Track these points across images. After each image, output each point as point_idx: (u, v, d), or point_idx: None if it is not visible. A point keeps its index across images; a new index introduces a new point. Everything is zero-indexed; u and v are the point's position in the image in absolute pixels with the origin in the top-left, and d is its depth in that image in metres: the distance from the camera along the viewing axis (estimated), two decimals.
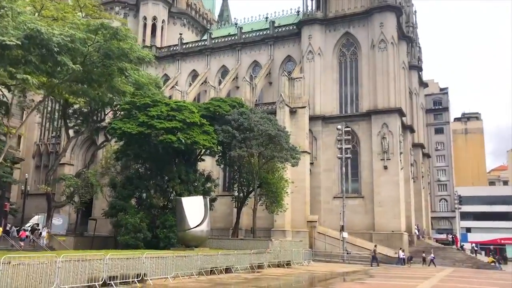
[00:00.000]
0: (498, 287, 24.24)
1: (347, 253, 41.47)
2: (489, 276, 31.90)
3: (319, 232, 46.59)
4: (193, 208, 26.84)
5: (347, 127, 45.51)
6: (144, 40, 68.27)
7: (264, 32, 60.30)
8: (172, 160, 34.86)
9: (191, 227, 26.46)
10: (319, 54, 53.02)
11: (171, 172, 33.66)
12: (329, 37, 53.73)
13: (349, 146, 45.34)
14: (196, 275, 21.25)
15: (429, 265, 41.15)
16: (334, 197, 48.85)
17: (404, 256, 41.98)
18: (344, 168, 44.79)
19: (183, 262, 20.67)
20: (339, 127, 43.95)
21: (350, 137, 45.70)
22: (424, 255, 43.32)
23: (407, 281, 24.44)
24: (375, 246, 41.87)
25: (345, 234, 41.69)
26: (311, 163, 49.99)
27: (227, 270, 24.06)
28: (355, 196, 48.86)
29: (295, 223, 46.76)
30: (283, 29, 59.18)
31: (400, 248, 42.34)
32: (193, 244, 26.59)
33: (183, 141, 29.98)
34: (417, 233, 54.02)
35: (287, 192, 38.64)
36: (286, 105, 49.02)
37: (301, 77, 51.91)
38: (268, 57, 58.96)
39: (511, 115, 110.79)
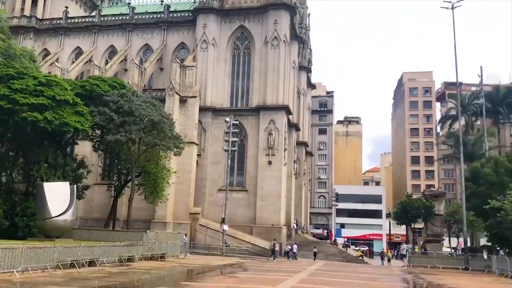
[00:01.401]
0: (359, 279, 25.57)
1: (226, 246, 41.38)
2: (355, 270, 33.81)
3: (201, 225, 45.95)
4: (57, 195, 24.33)
5: (237, 120, 45.42)
6: (22, 9, 61.63)
7: (158, 16, 57.91)
8: (41, 142, 31.45)
9: (53, 216, 23.98)
10: (213, 44, 52.19)
11: (37, 155, 30.29)
12: (224, 28, 53.15)
13: (237, 139, 45.32)
14: (51, 268, 19.10)
15: (289, 258, 42.42)
16: (219, 190, 48.49)
17: (289, 248, 43.24)
18: (230, 161, 44.65)
19: (36, 254, 18.40)
20: (227, 119, 43.58)
21: (238, 130, 45.68)
22: (289, 247, 44.23)
23: (278, 275, 24.69)
24: (274, 239, 42.65)
25: (225, 227, 41.54)
26: (199, 155, 49.14)
27: (91, 263, 22.10)
28: (239, 190, 49.05)
29: (177, 215, 45.56)
30: (178, 14, 57.38)
31: (274, 239, 43.31)
32: (54, 234, 24.13)
33: (51, 120, 26.92)
34: (296, 228, 55.99)
35: (168, 183, 37.23)
36: (176, 93, 47.46)
37: (194, 66, 50.66)
38: (161, 42, 56.73)
39: (389, 122, 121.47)
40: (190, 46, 55.33)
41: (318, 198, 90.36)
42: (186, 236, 42.87)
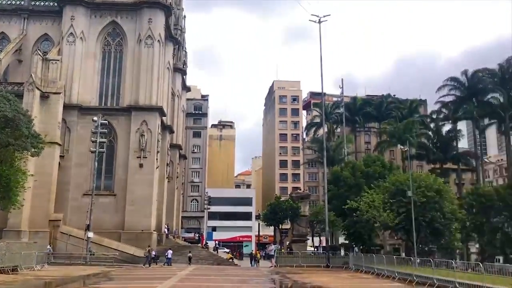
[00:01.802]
0: (230, 282, 25.79)
1: (91, 254, 38.72)
2: (226, 272, 34.11)
3: (62, 232, 42.32)
4: None
5: (106, 120, 42.88)
6: None
7: (18, 2, 52.30)
8: None
9: None
10: (81, 38, 48.71)
11: None
12: (94, 22, 49.96)
13: (105, 140, 42.81)
14: None
15: (169, 264, 41.51)
16: (84, 194, 45.15)
17: (154, 254, 41.74)
18: (97, 164, 41.93)
19: None
20: (95, 118, 40.89)
21: (106, 130, 43.16)
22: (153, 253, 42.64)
23: (147, 283, 23.73)
24: (149, 246, 40.91)
25: (90, 234, 38.86)
26: (62, 156, 45.31)
27: None
28: (107, 194, 46.40)
29: (35, 222, 41.28)
30: (42, 3, 52.45)
31: (149, 246, 41.82)
32: None
33: None
34: (167, 232, 54.79)
35: (23, 187, 33.51)
36: (37, 88, 43.19)
37: (59, 60, 46.71)
38: (20, 31, 51.25)
39: (261, 128, 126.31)
40: (55, 38, 50.90)
41: (191, 202, 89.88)
42: (50, 245, 39.25)
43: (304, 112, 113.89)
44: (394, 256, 33.25)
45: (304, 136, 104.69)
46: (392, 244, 73.84)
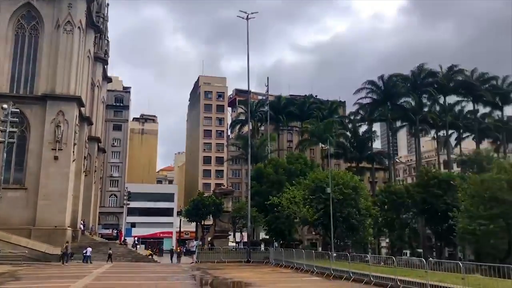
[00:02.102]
0: (149, 280, 25.15)
1: None
2: (145, 270, 33.23)
3: None
4: None
5: (17, 108, 39.73)
6: None
7: None
8: None
9: None
10: None
11: None
12: (5, 3, 46.24)
13: (16, 130, 39.69)
14: None
15: (87, 262, 39.71)
16: None
17: (69, 252, 39.56)
18: (6, 155, 38.78)
19: None
20: (5, 106, 37.77)
21: (17, 120, 40.07)
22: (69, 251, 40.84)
23: (58, 282, 22.41)
24: (67, 242, 39.25)
25: None
26: None
27: None
28: (17, 188, 43.28)
29: None
30: None
31: (67, 242, 39.62)
32: None
33: None
34: (83, 228, 52.28)
35: None
36: None
37: None
38: None
39: (185, 123, 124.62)
40: None
41: (110, 197, 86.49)
42: None
43: (229, 109, 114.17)
44: (313, 251, 34.39)
45: (229, 133, 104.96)
46: (310, 239, 76.42)
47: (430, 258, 26.06)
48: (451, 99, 74.14)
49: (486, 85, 71.31)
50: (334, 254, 30.42)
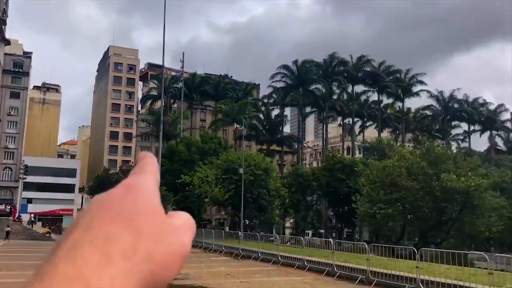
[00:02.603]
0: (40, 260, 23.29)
1: None
2: (41, 249, 30.87)
3: None
4: None
5: None
6: None
7: None
8: None
9: None
10: None
11: None
12: None
13: None
14: None
15: None
16: None
17: None
18: None
19: None
20: None
21: None
22: None
23: None
24: None
25: None
26: None
27: None
28: None
29: None
30: None
31: None
32: None
33: None
34: None
35: None
36: None
37: None
38: None
39: (91, 95, 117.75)
40: None
41: (3, 170, 79.22)
42: None
43: (141, 83, 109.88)
44: (223, 231, 34.36)
45: (139, 108, 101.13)
46: (218, 219, 76.80)
47: (331, 239, 27.18)
48: (359, 88, 78.14)
49: (391, 77, 75.89)
50: (241, 234, 30.58)
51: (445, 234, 35.64)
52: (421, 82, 76.84)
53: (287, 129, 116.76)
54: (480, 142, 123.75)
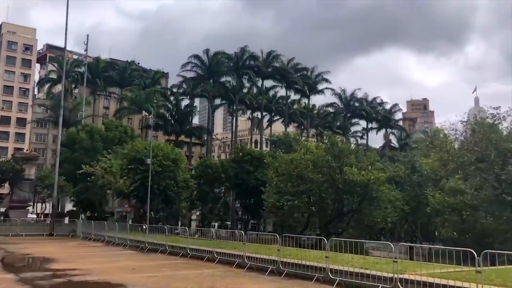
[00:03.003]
0: None
1: None
2: None
3: None
4: None
5: None
6: None
7: None
8: None
9: None
10: None
11: None
12: None
13: None
14: None
15: None
16: None
17: None
18: None
19: None
20: None
21: None
22: None
23: None
24: None
25: None
26: None
27: None
28: None
29: None
30: None
31: None
32: None
33: None
34: None
35: None
36: None
37: None
38: None
39: None
40: None
41: None
42: None
43: (38, 65, 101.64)
44: (127, 224, 32.85)
45: (36, 92, 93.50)
46: (120, 212, 73.77)
47: (242, 231, 27.23)
48: (268, 83, 79.48)
49: (298, 74, 78.27)
50: (146, 226, 29.47)
51: (345, 224, 37.51)
52: (326, 80, 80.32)
53: (195, 120, 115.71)
54: (376, 139, 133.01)
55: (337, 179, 34.86)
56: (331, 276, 13.85)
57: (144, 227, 29.83)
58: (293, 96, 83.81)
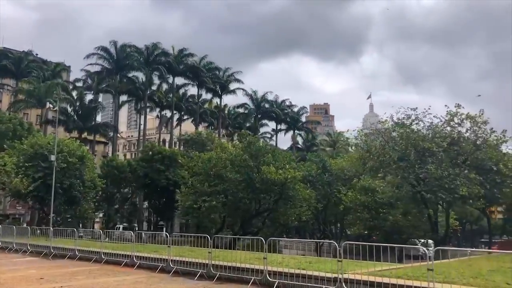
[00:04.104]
0: None
1: None
2: None
3: None
4: None
5: None
6: None
7: None
8: None
9: None
10: None
11: None
12: None
13: None
14: None
15: None
16: None
17: None
18: None
19: None
20: None
21: None
22: None
23: None
24: None
25: None
26: None
27: None
28: None
29: None
30: None
31: None
32: None
33: None
34: None
35: None
36: None
37: None
38: None
39: None
40: None
41: None
42: None
43: None
44: (28, 227, 29.46)
45: None
46: (12, 214, 67.12)
47: (167, 233, 25.72)
48: (179, 81, 77.37)
49: (211, 74, 77.17)
50: (51, 230, 26.61)
51: (261, 223, 37.40)
52: (238, 80, 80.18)
53: (98, 117, 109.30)
54: (284, 140, 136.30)
55: (255, 178, 34.58)
56: (268, 279, 13.18)
57: (49, 230, 26.84)
58: (205, 95, 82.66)
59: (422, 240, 43.05)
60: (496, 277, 11.97)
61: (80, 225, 53.51)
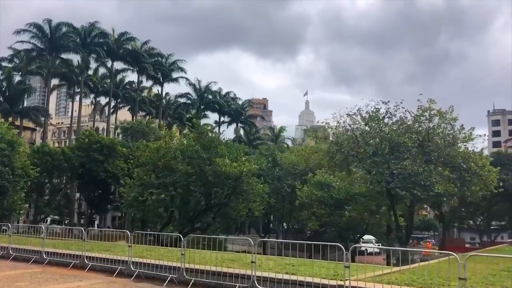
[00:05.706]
0: None
1: None
2: None
3: None
4: None
5: None
6: None
7: None
8: None
9: None
10: None
11: None
12: None
13: None
14: None
15: None
16: None
17: None
18: None
19: None
20: None
21: None
22: None
23: None
24: None
25: None
26: None
27: None
28: None
29: None
30: None
31: None
32: None
33: None
34: None
35: None
36: None
37: None
38: None
39: None
40: None
41: None
42: None
43: None
44: None
45: None
46: None
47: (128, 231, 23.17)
48: (118, 65, 72.94)
49: (153, 60, 73.46)
50: None
51: (211, 218, 35.55)
52: (182, 69, 77.06)
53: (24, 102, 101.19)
54: (226, 133, 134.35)
55: (207, 171, 32.56)
56: (186, 276, 12.38)
57: None
58: (145, 83, 78.73)
59: (366, 237, 43.54)
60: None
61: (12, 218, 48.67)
